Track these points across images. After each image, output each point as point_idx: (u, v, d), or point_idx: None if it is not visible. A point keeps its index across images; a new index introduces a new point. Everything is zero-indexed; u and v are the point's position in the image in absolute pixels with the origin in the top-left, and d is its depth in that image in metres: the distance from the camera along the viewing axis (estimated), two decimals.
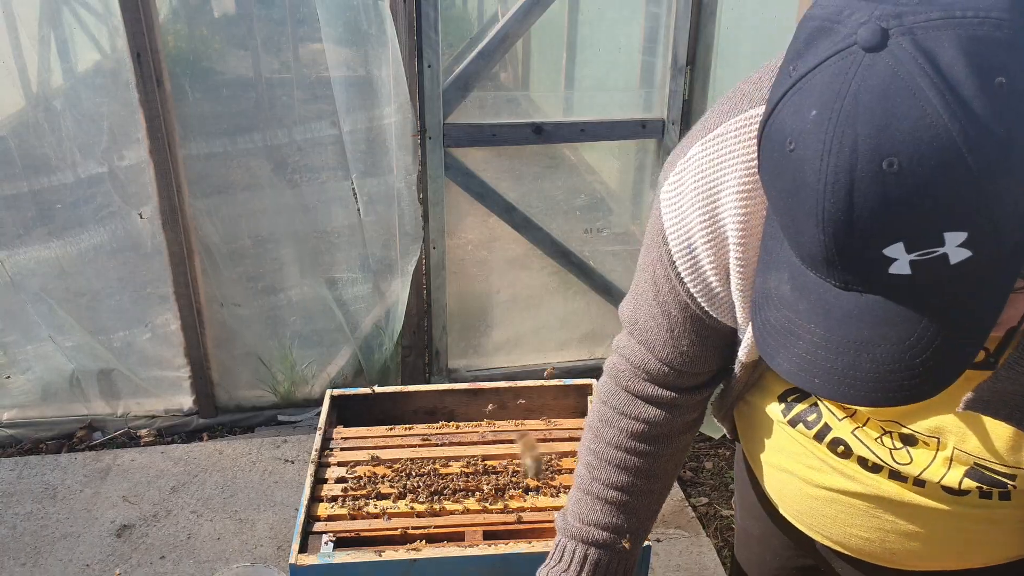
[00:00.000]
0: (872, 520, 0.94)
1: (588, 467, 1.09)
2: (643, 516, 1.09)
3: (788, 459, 1.01)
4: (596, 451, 1.08)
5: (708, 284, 0.91)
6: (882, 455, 0.90)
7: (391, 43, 2.63)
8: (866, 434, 0.91)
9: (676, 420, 1.06)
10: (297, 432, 3.05)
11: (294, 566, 1.25)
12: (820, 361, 0.65)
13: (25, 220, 2.75)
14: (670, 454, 1.08)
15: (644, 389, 1.04)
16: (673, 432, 1.07)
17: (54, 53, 2.60)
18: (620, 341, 1.08)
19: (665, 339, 1.00)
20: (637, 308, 1.02)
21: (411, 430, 1.62)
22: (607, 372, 1.10)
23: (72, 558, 2.43)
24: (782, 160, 0.61)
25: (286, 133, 2.76)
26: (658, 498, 1.11)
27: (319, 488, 1.45)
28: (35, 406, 3.01)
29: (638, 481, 1.07)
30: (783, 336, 0.68)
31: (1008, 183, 0.55)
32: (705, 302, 0.93)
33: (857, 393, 0.64)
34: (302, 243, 2.94)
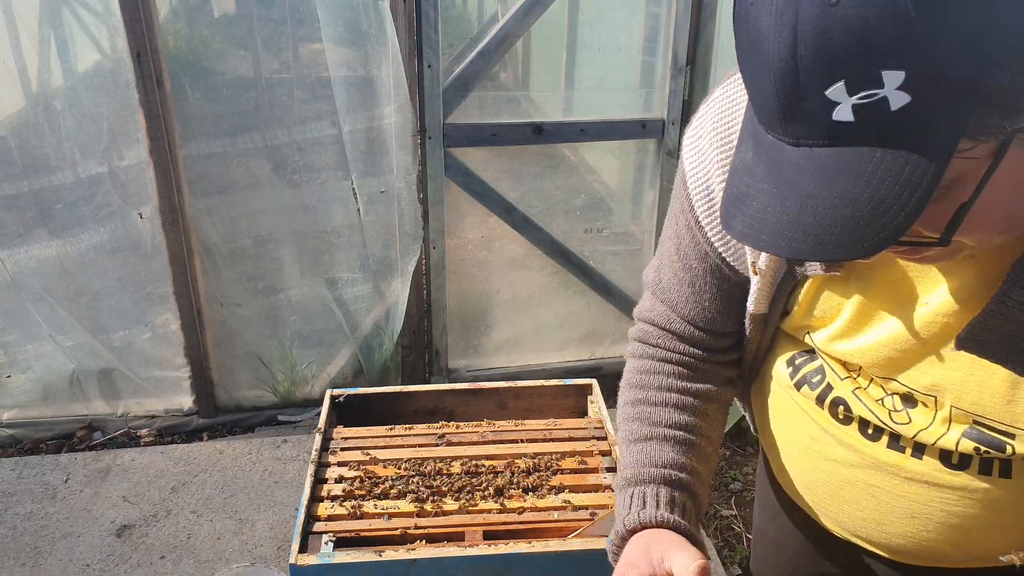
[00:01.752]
0: (869, 499, 0.94)
1: (641, 417, 1.03)
2: (706, 465, 1.02)
3: (794, 431, 1.01)
4: (647, 399, 1.04)
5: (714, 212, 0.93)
6: (882, 416, 0.89)
7: (391, 43, 2.63)
8: (867, 395, 0.91)
9: (714, 372, 1.05)
10: (297, 432, 3.05)
11: (294, 566, 1.25)
12: (768, 219, 0.65)
13: (25, 220, 2.74)
14: (717, 403, 1.06)
15: (675, 346, 1.04)
16: (716, 380, 1.06)
17: (54, 53, 2.60)
18: (643, 307, 1.09)
19: (687, 295, 1.01)
20: (660, 268, 1.04)
21: (411, 430, 1.62)
22: (634, 338, 1.09)
23: (72, 558, 2.43)
24: (745, 20, 0.63)
25: (286, 133, 2.76)
26: (713, 455, 1.05)
27: (319, 488, 1.45)
28: (35, 406, 3.01)
29: (697, 421, 1.02)
30: (740, 202, 0.68)
31: (944, 22, 0.56)
32: (721, 246, 0.95)
33: (798, 247, 0.64)
34: (302, 243, 2.94)
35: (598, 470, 1.51)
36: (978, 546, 0.91)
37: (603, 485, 1.47)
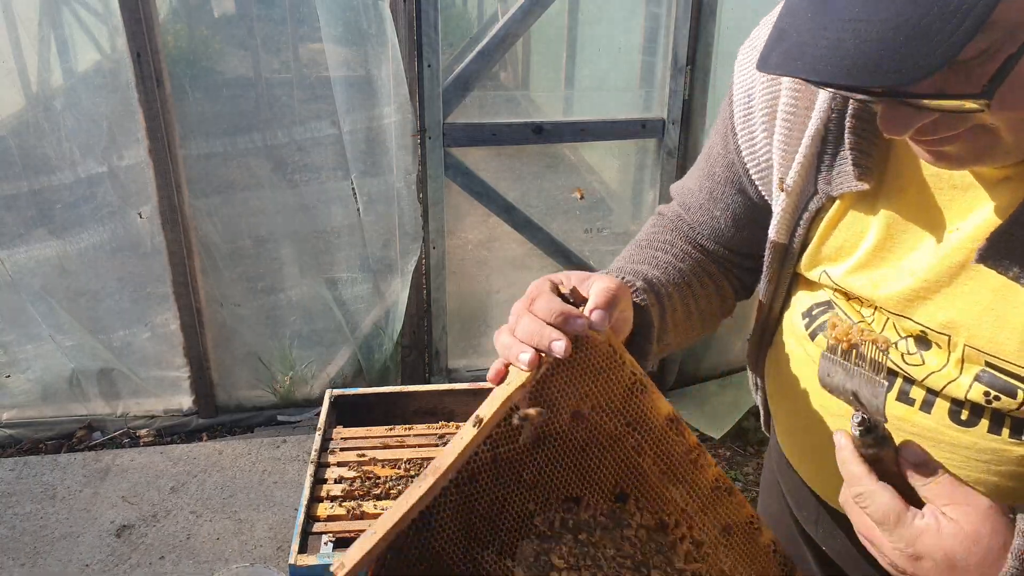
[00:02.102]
0: None
1: (636, 244, 1.10)
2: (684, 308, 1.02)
3: (805, 389, 0.98)
4: (646, 234, 1.10)
5: (754, 136, 0.95)
6: (895, 359, 0.86)
7: (391, 43, 2.63)
8: None
9: (706, 268, 1.08)
10: (297, 432, 3.05)
11: (293, 566, 1.25)
12: (807, 47, 0.62)
13: (25, 220, 2.74)
14: (710, 282, 1.08)
15: (681, 235, 1.10)
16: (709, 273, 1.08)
17: (54, 53, 2.60)
18: (661, 207, 1.16)
19: (702, 202, 1.06)
20: (688, 176, 1.11)
21: (411, 430, 1.62)
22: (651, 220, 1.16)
23: (71, 558, 2.43)
24: None
25: (286, 133, 2.75)
26: (691, 317, 1.05)
27: (319, 488, 1.44)
28: (35, 406, 3.01)
29: (683, 266, 1.05)
30: (779, 39, 0.66)
31: None
32: (748, 155, 0.97)
33: (834, 71, 0.60)
34: (302, 243, 2.94)
35: None
36: None
37: None
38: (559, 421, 0.83)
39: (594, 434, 0.85)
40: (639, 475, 0.88)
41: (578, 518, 0.86)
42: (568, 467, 0.85)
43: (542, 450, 0.83)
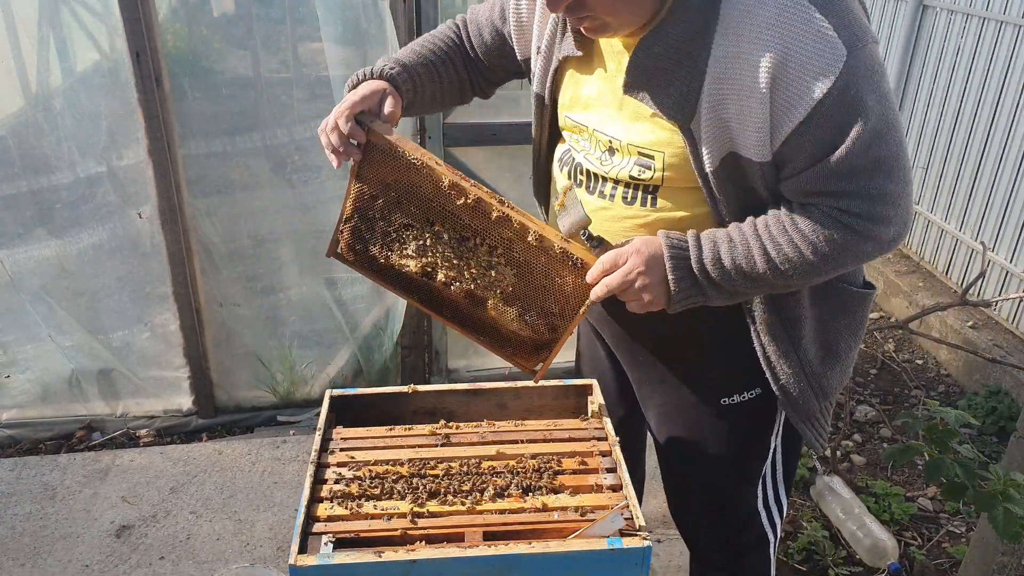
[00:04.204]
0: None
1: (424, 40, 1.64)
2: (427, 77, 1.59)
3: None
4: (425, 35, 1.66)
5: (520, 9, 1.52)
6: (600, 163, 1.42)
7: (391, 42, 2.63)
8: (591, 155, 1.44)
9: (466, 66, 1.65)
10: (297, 432, 3.05)
11: (294, 567, 1.25)
12: None
13: (24, 220, 2.74)
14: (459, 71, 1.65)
15: (461, 33, 1.66)
16: (466, 65, 1.65)
17: (53, 53, 2.60)
18: (460, 16, 1.69)
19: (480, 22, 1.62)
20: (483, 5, 1.64)
21: (411, 430, 1.62)
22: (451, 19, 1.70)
23: (71, 558, 2.43)
24: None
25: (286, 133, 2.75)
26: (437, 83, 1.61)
27: (319, 489, 1.44)
28: (34, 406, 3.00)
29: (435, 56, 1.60)
30: None
31: None
32: (514, 22, 1.54)
33: None
34: (301, 243, 2.93)
35: (598, 471, 1.51)
36: None
37: (603, 485, 1.46)
38: (376, 182, 1.49)
39: (407, 192, 1.48)
40: (439, 211, 1.47)
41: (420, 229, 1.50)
42: (401, 205, 1.50)
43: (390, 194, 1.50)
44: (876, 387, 3.60)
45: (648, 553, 1.29)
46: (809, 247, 1.26)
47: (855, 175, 1.21)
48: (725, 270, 1.29)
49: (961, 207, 4.04)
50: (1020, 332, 3.58)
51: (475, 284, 1.49)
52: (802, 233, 1.26)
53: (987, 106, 3.82)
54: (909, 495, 2.84)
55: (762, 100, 1.19)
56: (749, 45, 1.18)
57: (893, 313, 4.22)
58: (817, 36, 1.16)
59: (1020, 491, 1.79)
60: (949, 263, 4.15)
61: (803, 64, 1.16)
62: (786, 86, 1.17)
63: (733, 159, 1.27)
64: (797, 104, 1.18)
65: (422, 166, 1.43)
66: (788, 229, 1.27)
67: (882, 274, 4.35)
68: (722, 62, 1.21)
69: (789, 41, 1.16)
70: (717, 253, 1.29)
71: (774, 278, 1.29)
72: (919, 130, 4.40)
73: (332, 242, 1.60)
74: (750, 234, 1.29)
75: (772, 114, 1.20)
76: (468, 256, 1.48)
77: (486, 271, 1.48)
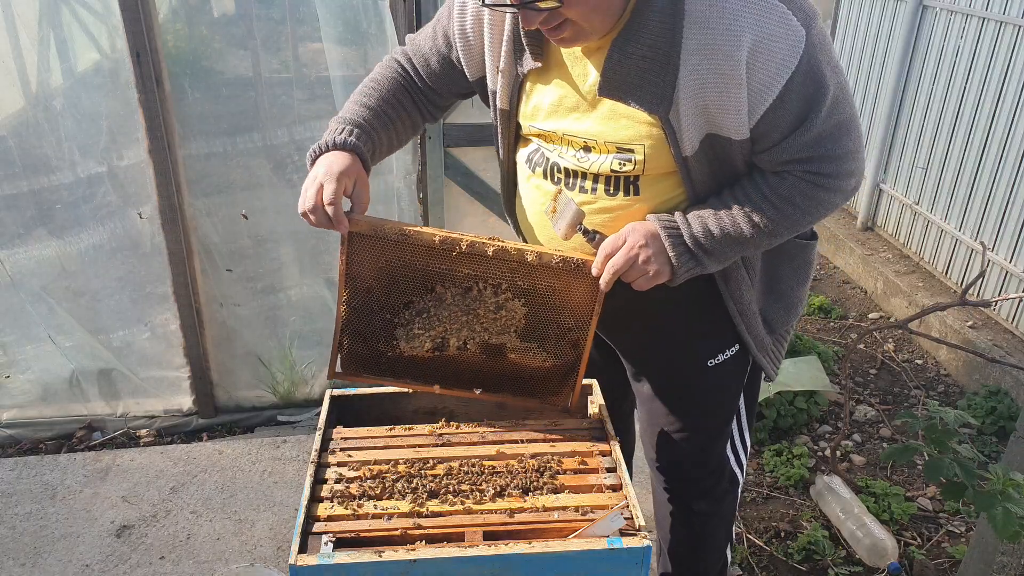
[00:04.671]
0: None
1: (360, 87, 1.66)
2: (385, 126, 1.62)
3: (534, 207, 1.61)
4: (369, 78, 1.66)
5: (465, 29, 1.54)
6: (578, 160, 1.49)
7: (391, 42, 2.63)
8: (565, 154, 1.50)
9: (416, 92, 1.68)
10: (297, 432, 3.05)
11: (294, 567, 1.25)
12: None
13: (25, 220, 2.74)
14: (409, 108, 1.67)
15: (404, 65, 1.67)
16: (414, 97, 1.68)
17: (54, 53, 2.60)
18: (400, 46, 1.71)
19: (424, 52, 1.64)
20: (422, 30, 1.67)
21: (411, 430, 1.62)
22: (386, 56, 1.71)
23: (72, 558, 2.43)
24: None
25: (286, 133, 2.75)
26: (391, 132, 1.64)
27: (319, 488, 1.44)
28: (35, 406, 3.01)
29: (384, 104, 1.62)
30: None
31: None
32: (460, 43, 1.57)
33: None
34: (302, 243, 2.93)
35: (598, 470, 1.51)
36: None
37: (603, 485, 1.47)
38: (369, 271, 1.51)
39: (400, 268, 1.51)
40: (436, 273, 1.51)
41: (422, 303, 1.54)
42: (398, 285, 1.53)
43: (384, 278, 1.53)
44: (876, 387, 3.61)
45: (648, 553, 1.29)
46: (787, 205, 1.42)
47: (822, 140, 1.38)
48: (716, 239, 1.44)
49: (961, 207, 4.04)
50: (1020, 332, 3.58)
51: (488, 333, 1.55)
52: (779, 195, 1.42)
53: (987, 106, 3.82)
54: (909, 495, 2.84)
55: (739, 85, 1.31)
56: (722, 37, 1.29)
57: (893, 313, 4.23)
58: (780, 21, 1.29)
59: (1020, 491, 1.79)
60: (949, 263, 4.15)
61: (771, 48, 1.29)
62: (760, 70, 1.30)
63: (710, 140, 1.39)
64: (771, 85, 1.31)
65: (409, 236, 1.47)
66: (767, 194, 1.43)
67: (882, 274, 4.36)
68: (696, 54, 1.31)
69: (757, 29, 1.28)
70: (706, 225, 1.44)
71: (759, 238, 1.45)
72: (919, 130, 4.40)
73: (332, 362, 1.59)
74: (732, 203, 1.44)
75: (749, 96, 1.32)
76: (475, 306, 1.53)
77: (496, 314, 1.53)
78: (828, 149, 1.38)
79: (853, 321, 4.23)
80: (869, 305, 4.41)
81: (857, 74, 5.06)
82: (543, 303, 1.53)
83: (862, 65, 5.00)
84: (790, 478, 2.88)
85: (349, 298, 1.54)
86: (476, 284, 1.51)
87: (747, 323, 1.62)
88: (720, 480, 1.85)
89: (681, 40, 1.31)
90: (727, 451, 1.85)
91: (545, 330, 1.56)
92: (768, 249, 1.55)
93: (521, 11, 1.31)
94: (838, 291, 4.59)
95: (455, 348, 1.56)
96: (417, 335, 1.55)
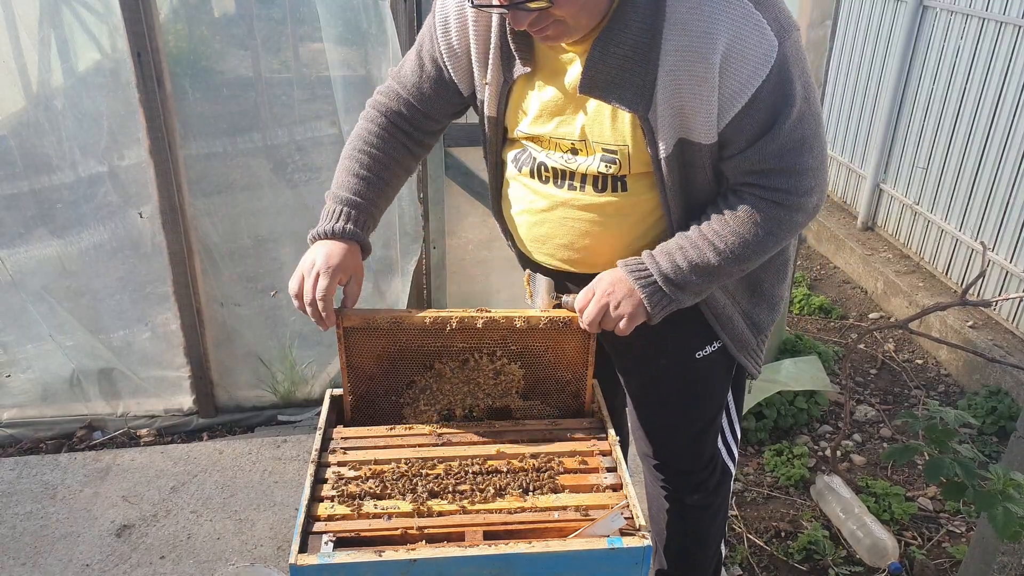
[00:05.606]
0: (560, 227, 1.58)
1: (348, 148, 1.66)
2: (379, 194, 1.65)
3: (520, 204, 1.64)
4: (355, 135, 1.66)
5: (451, 46, 1.55)
6: (566, 161, 1.52)
7: (391, 42, 2.63)
8: (552, 155, 1.54)
9: (409, 131, 1.68)
10: (297, 432, 3.05)
11: (294, 566, 1.25)
12: None
13: (25, 219, 2.74)
14: (401, 156, 1.68)
15: (391, 106, 1.66)
16: (405, 140, 1.68)
17: (54, 53, 2.60)
18: (381, 86, 1.70)
19: (415, 81, 1.64)
20: (404, 62, 1.67)
21: (411, 430, 1.62)
22: (368, 105, 1.70)
23: (72, 558, 2.43)
24: None
25: (286, 133, 2.75)
26: (388, 192, 1.68)
27: (319, 488, 1.44)
28: (35, 406, 3.01)
29: (376, 165, 1.64)
30: None
31: None
32: (448, 59, 1.57)
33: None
34: (302, 243, 2.91)
35: (598, 470, 1.51)
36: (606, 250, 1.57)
37: (603, 485, 1.47)
38: (368, 360, 1.61)
39: (399, 353, 1.60)
40: (433, 351, 1.59)
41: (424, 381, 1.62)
42: (398, 368, 1.62)
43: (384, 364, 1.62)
44: (876, 387, 3.61)
45: (648, 553, 1.29)
46: (749, 228, 1.44)
47: (784, 153, 1.39)
48: (684, 272, 1.47)
49: (961, 207, 4.05)
50: (1020, 332, 3.58)
51: (491, 397, 1.64)
52: (740, 218, 1.44)
53: (987, 106, 3.82)
54: (909, 495, 2.85)
55: (712, 88, 1.34)
56: (698, 40, 1.31)
57: (893, 313, 4.23)
58: (754, 29, 1.31)
59: (1020, 491, 1.79)
60: (949, 263, 4.15)
61: (744, 55, 1.31)
62: (732, 75, 1.32)
63: (681, 145, 1.42)
64: (741, 91, 1.34)
65: (401, 322, 1.56)
66: (728, 219, 1.45)
67: (882, 274, 4.36)
68: (673, 54, 1.33)
69: (732, 34, 1.30)
70: (674, 260, 1.47)
71: (728, 265, 1.47)
72: (919, 130, 4.40)
73: None
74: (696, 236, 1.47)
75: (720, 100, 1.35)
76: (474, 376, 1.62)
77: (495, 380, 1.62)
78: (789, 163, 1.40)
79: (853, 321, 4.23)
80: (869, 305, 4.41)
81: (857, 74, 5.06)
82: (538, 362, 1.61)
83: (862, 65, 5.00)
84: (790, 478, 2.88)
85: (353, 387, 1.63)
86: (472, 355, 1.60)
87: (722, 325, 1.64)
88: (713, 472, 1.87)
89: (661, 41, 1.33)
90: (719, 443, 1.87)
91: (545, 386, 1.64)
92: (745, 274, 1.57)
93: (511, 11, 1.33)
94: (838, 291, 4.59)
95: (461, 415, 1.65)
96: (424, 411, 1.64)
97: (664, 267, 1.47)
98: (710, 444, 1.84)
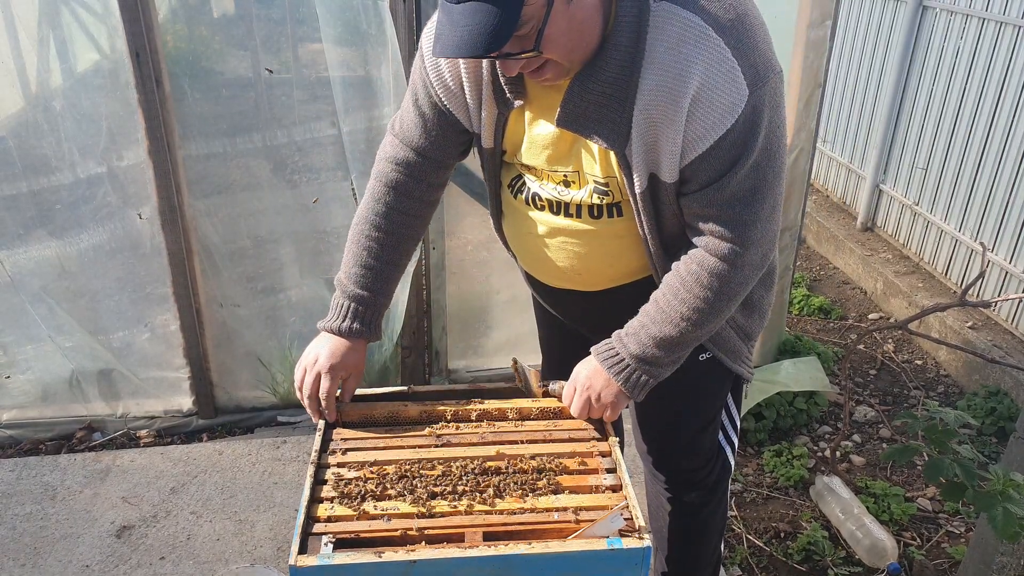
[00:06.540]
0: (559, 252, 1.61)
1: (356, 230, 1.67)
2: (388, 280, 1.68)
3: (520, 228, 1.67)
4: (363, 215, 1.67)
5: (446, 85, 1.55)
6: (559, 193, 1.55)
7: (391, 43, 2.63)
8: (546, 186, 1.57)
9: (425, 195, 1.69)
10: (297, 433, 3.05)
11: (294, 567, 1.25)
12: (448, 41, 1.24)
13: (25, 220, 2.74)
14: (410, 230, 1.69)
15: (403, 175, 1.66)
16: (424, 200, 1.69)
17: (53, 53, 2.60)
18: (384, 145, 1.70)
19: (419, 132, 1.63)
20: (402, 116, 1.67)
21: (411, 431, 1.62)
22: (373, 175, 1.69)
23: (72, 559, 2.43)
24: None
25: (286, 133, 2.75)
26: (396, 273, 1.70)
27: (319, 489, 1.44)
28: (35, 407, 3.01)
29: (384, 250, 1.66)
30: (437, 39, 1.27)
31: None
32: (446, 98, 1.57)
33: (456, 51, 1.23)
34: (302, 243, 2.93)
35: (598, 471, 1.51)
36: (615, 267, 1.61)
37: (603, 486, 1.47)
38: None
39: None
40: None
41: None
42: None
43: None
44: (875, 387, 3.61)
45: (648, 553, 1.29)
46: (699, 295, 1.46)
47: (733, 202, 1.40)
48: (652, 348, 1.50)
49: (961, 207, 4.05)
50: (1019, 332, 3.59)
51: None
52: (688, 287, 1.47)
53: (987, 106, 3.82)
54: (908, 495, 2.85)
55: (678, 130, 1.35)
56: (673, 80, 1.32)
57: (893, 313, 4.23)
58: (727, 75, 1.31)
59: (1019, 491, 1.79)
60: (948, 263, 4.15)
61: (712, 102, 1.32)
62: (698, 120, 1.33)
63: (652, 181, 1.43)
64: (704, 137, 1.34)
65: (396, 417, 1.65)
66: (679, 289, 1.48)
67: (882, 274, 4.36)
68: (647, 93, 1.34)
69: (704, 78, 1.30)
70: (640, 339, 1.51)
71: (689, 332, 1.49)
72: (919, 130, 4.40)
73: None
74: (654, 311, 1.51)
75: (684, 142, 1.36)
76: None
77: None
78: (736, 212, 1.41)
79: (853, 321, 4.23)
80: (869, 305, 4.41)
81: (857, 74, 5.06)
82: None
83: (862, 65, 5.00)
84: (790, 478, 2.88)
85: None
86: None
87: (713, 339, 1.65)
88: (712, 470, 1.89)
89: (639, 80, 1.34)
90: (720, 438, 1.89)
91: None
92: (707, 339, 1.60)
93: (500, 61, 1.34)
94: (838, 291, 4.59)
95: None
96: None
97: (632, 348, 1.51)
98: (709, 442, 1.86)
